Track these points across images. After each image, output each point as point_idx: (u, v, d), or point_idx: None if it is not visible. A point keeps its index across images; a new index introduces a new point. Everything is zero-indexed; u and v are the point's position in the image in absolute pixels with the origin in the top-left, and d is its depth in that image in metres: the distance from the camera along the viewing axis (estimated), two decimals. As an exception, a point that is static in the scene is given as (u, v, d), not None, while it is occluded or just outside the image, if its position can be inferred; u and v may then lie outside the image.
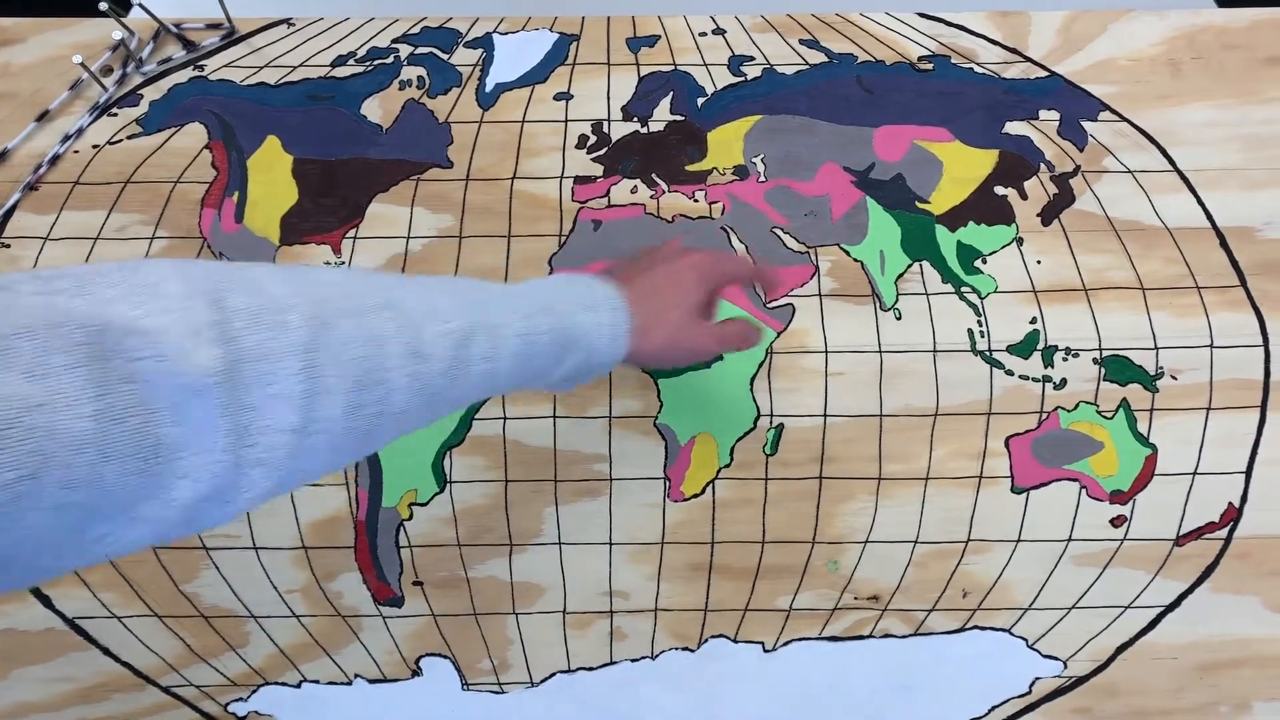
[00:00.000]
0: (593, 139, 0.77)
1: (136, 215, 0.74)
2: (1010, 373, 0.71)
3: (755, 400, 0.70)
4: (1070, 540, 0.70)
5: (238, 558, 0.69)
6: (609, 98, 0.78)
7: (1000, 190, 0.75)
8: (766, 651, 0.72)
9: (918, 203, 0.74)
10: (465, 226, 0.74)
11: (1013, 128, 0.77)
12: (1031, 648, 0.71)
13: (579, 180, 0.75)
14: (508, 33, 0.81)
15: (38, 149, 0.76)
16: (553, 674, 0.72)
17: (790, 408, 0.70)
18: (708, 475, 0.70)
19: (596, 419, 0.70)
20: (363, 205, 0.74)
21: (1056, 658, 0.71)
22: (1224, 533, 0.70)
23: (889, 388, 0.71)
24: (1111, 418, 0.70)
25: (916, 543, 0.70)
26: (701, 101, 0.78)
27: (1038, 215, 0.74)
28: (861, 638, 0.71)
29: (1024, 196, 0.75)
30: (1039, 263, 0.73)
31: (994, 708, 0.72)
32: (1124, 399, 0.70)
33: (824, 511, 0.70)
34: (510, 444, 0.70)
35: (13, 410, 0.27)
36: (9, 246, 0.73)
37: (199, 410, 0.31)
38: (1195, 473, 0.70)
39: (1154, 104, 0.78)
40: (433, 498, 0.70)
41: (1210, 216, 0.74)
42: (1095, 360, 0.71)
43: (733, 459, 0.70)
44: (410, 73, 0.79)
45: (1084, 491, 0.70)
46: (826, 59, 0.80)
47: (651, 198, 0.75)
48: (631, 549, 0.70)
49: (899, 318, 0.72)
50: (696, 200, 0.74)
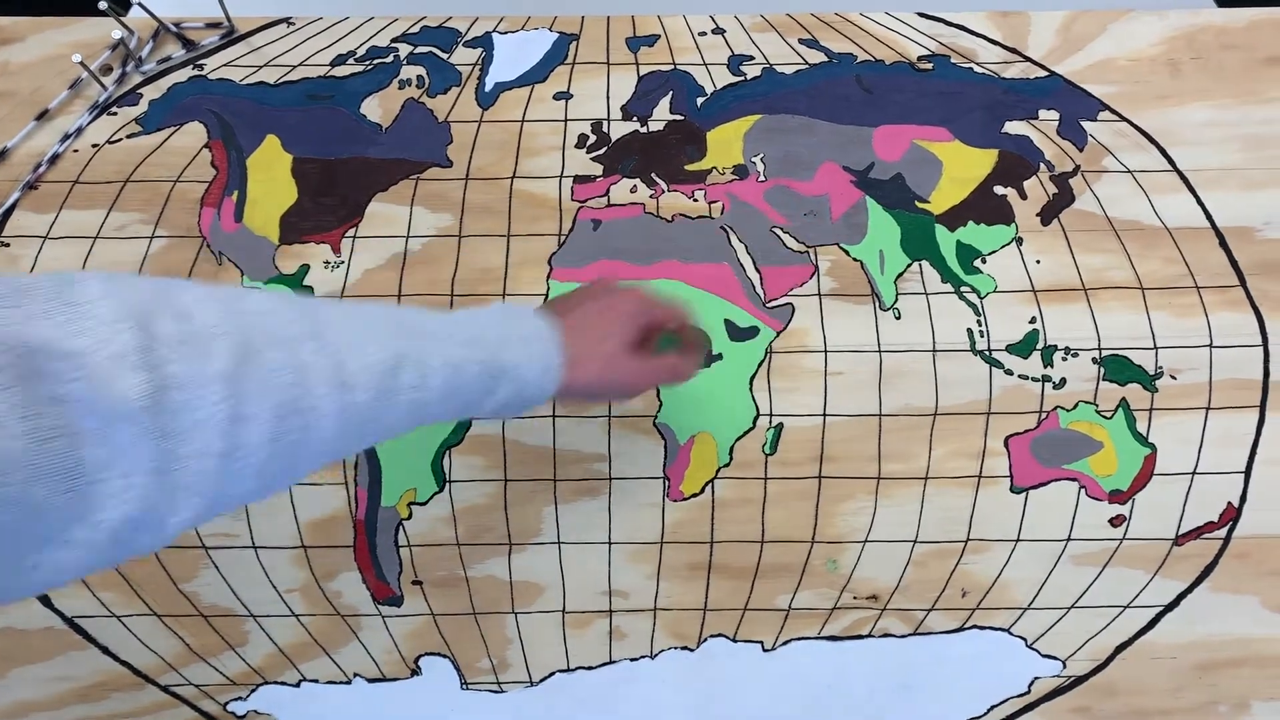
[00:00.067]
0: (592, 138, 0.77)
1: (136, 214, 0.74)
2: (1010, 372, 0.71)
3: (754, 400, 0.70)
4: (1069, 540, 0.70)
5: (237, 557, 0.69)
6: (608, 97, 0.78)
7: (1000, 190, 0.75)
8: (766, 651, 0.72)
9: (917, 202, 0.74)
10: (465, 226, 0.74)
11: (1012, 127, 0.77)
12: (1031, 647, 0.71)
13: (578, 179, 0.75)
14: (507, 32, 0.81)
15: (37, 148, 0.76)
16: (552, 673, 0.72)
17: (789, 407, 0.70)
18: (707, 475, 0.70)
19: (596, 418, 0.70)
20: (362, 204, 0.74)
21: (1056, 657, 0.71)
22: (1223, 532, 0.70)
23: (888, 387, 0.71)
24: (1111, 417, 0.70)
25: (916, 542, 0.70)
26: (701, 101, 0.78)
27: (1037, 215, 0.74)
28: (861, 637, 0.71)
29: (1023, 196, 0.75)
30: (1038, 262, 0.73)
31: (993, 707, 0.72)
32: (1123, 399, 0.70)
33: (823, 511, 0.70)
34: (509, 443, 0.70)
35: None
36: (9, 245, 0.73)
37: (125, 434, 0.32)
38: (1194, 472, 0.70)
39: (1153, 104, 0.78)
40: (432, 497, 0.70)
41: (1210, 216, 0.74)
42: (1094, 360, 0.71)
43: (732, 458, 0.70)
44: (410, 72, 0.79)
45: (1083, 491, 0.70)
46: (826, 59, 0.80)
47: (651, 197, 0.75)
48: (631, 548, 0.70)
49: (898, 317, 0.72)
50: (696, 200, 0.74)
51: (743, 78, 0.79)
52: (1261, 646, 0.71)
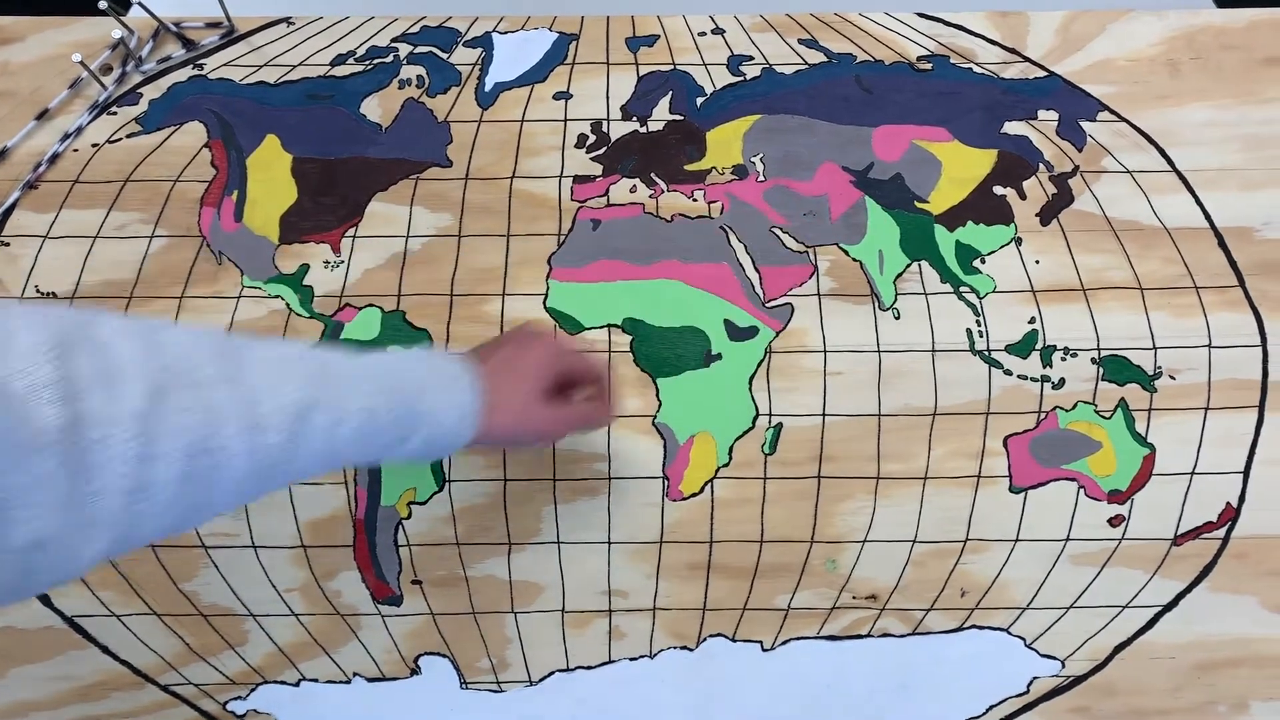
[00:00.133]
0: (592, 138, 0.77)
1: (136, 214, 0.74)
2: (1009, 372, 0.71)
3: (754, 399, 0.70)
4: (1068, 540, 0.70)
5: (237, 556, 0.69)
6: (608, 97, 0.78)
7: (999, 190, 0.75)
8: (765, 650, 0.72)
9: (916, 202, 0.74)
10: (464, 225, 0.74)
11: (1011, 128, 0.77)
12: (1029, 647, 0.71)
13: (578, 179, 0.75)
14: (507, 32, 0.81)
15: (37, 147, 0.76)
16: (551, 673, 0.72)
17: (789, 407, 0.70)
18: (706, 474, 0.70)
19: (595, 418, 0.70)
20: (362, 204, 0.74)
21: (1054, 657, 0.71)
22: (1222, 532, 0.70)
23: (887, 387, 0.71)
24: (1110, 417, 0.70)
25: (915, 542, 0.70)
26: (700, 101, 0.78)
27: (1036, 215, 0.74)
28: (860, 637, 0.71)
29: (1023, 196, 0.75)
30: (1037, 262, 0.73)
31: (992, 707, 0.72)
32: (1122, 399, 0.71)
33: (822, 511, 0.70)
34: (509, 443, 0.70)
35: None
36: (8, 245, 0.73)
37: (38, 466, 0.33)
38: (1193, 472, 0.70)
39: (1152, 104, 0.78)
40: (431, 496, 0.70)
41: (1209, 216, 0.74)
42: (1093, 360, 0.71)
43: (731, 458, 0.70)
44: (410, 72, 0.79)
45: (1082, 491, 0.70)
46: (825, 59, 0.80)
47: (651, 197, 0.75)
48: (630, 548, 0.70)
49: (897, 317, 0.72)
50: (695, 200, 0.75)
51: (742, 78, 0.79)
52: (1260, 646, 0.71)
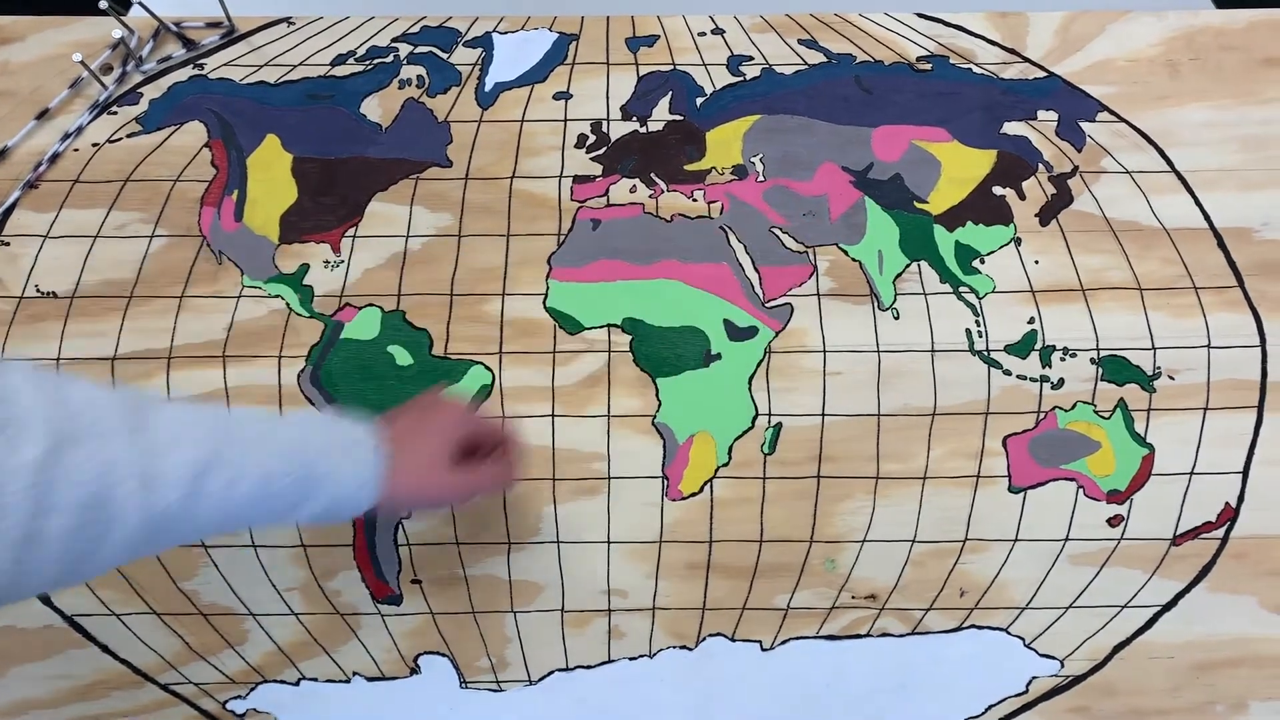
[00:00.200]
0: (592, 138, 0.77)
1: (136, 213, 0.74)
2: (1008, 372, 0.71)
3: (753, 399, 0.70)
4: (1067, 540, 0.70)
5: (236, 556, 0.69)
6: (608, 97, 0.78)
7: (998, 190, 0.75)
8: (764, 650, 0.72)
9: (916, 202, 0.74)
10: (464, 225, 0.74)
11: (1011, 128, 0.77)
12: (1029, 647, 0.71)
13: (578, 179, 0.75)
14: (507, 32, 0.81)
15: (37, 147, 0.76)
16: (551, 672, 0.72)
17: (788, 407, 0.70)
18: (706, 474, 0.70)
19: (595, 418, 0.70)
20: (362, 204, 0.74)
21: (1054, 657, 0.71)
22: (1221, 532, 0.71)
23: (887, 387, 0.71)
24: (1109, 418, 0.70)
25: (914, 542, 0.70)
26: (700, 101, 0.78)
27: (1036, 215, 0.74)
28: (859, 636, 0.71)
29: (1022, 197, 0.75)
30: (1037, 263, 0.73)
31: (991, 706, 0.72)
32: (1121, 399, 0.71)
33: (822, 510, 0.70)
34: (509, 442, 0.70)
35: None
36: (9, 245, 0.73)
37: None
38: (1192, 472, 0.70)
39: (1152, 105, 0.78)
40: (431, 496, 0.70)
41: (1208, 217, 0.75)
42: (1093, 360, 0.71)
43: (731, 458, 0.70)
44: (410, 72, 0.79)
45: (1081, 491, 0.70)
46: (825, 59, 0.80)
47: (650, 197, 0.75)
48: (630, 548, 0.70)
49: (897, 317, 0.72)
50: (695, 200, 0.75)
51: (742, 78, 0.79)
52: (1259, 646, 0.71)
